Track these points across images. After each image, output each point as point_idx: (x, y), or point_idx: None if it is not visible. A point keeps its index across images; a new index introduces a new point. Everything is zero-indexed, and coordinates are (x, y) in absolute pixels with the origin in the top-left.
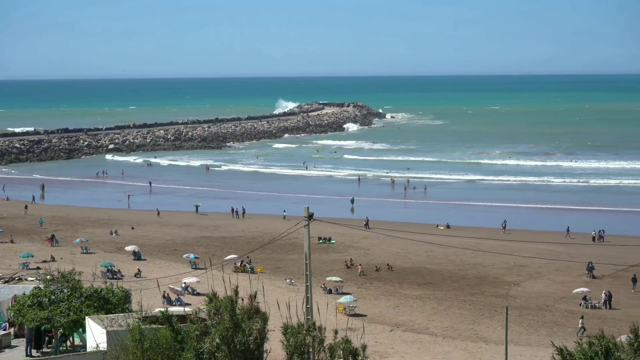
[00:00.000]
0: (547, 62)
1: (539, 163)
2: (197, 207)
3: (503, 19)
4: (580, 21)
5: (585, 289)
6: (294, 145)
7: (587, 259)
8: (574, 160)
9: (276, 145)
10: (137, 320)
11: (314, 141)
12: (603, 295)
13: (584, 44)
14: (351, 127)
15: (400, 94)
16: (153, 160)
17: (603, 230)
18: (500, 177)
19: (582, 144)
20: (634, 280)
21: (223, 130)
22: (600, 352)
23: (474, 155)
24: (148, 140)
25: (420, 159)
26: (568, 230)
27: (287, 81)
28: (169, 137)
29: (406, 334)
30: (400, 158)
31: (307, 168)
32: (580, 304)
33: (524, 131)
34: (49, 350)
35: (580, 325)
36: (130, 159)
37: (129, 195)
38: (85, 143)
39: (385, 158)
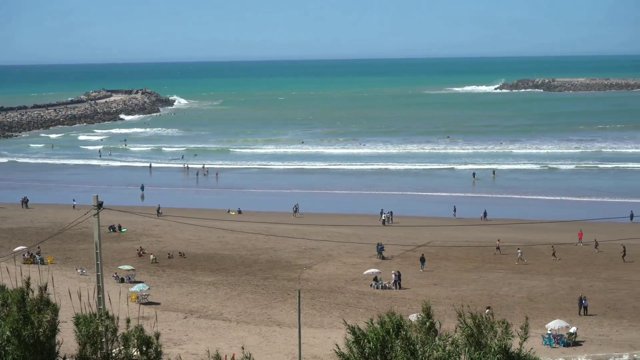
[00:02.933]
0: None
1: (327, 150)
2: None
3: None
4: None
5: (375, 270)
6: (83, 135)
7: (377, 240)
8: (362, 145)
9: (65, 134)
10: None
11: (101, 130)
12: (393, 275)
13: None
14: (136, 115)
15: (219, 79)
16: None
17: (391, 212)
18: (290, 163)
19: (375, 129)
20: (422, 260)
21: (9, 119)
22: (391, 330)
23: (264, 142)
24: None
25: (211, 146)
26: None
27: (107, 68)
28: None
29: (200, 320)
30: (191, 145)
31: (100, 156)
32: (371, 285)
33: (322, 116)
34: None
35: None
36: None
37: None
38: None
39: (175, 145)
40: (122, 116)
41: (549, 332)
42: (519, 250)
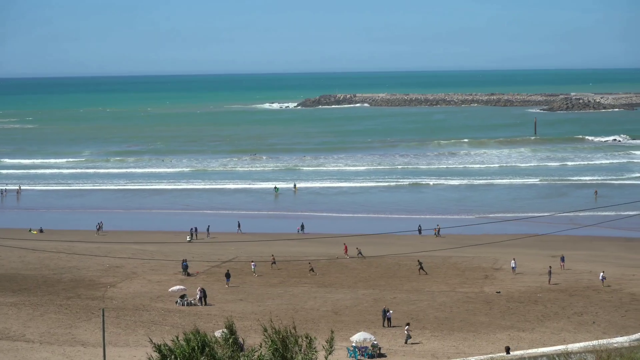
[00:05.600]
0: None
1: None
2: None
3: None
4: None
5: (180, 287)
6: None
7: (182, 257)
8: (166, 163)
9: None
10: None
11: None
12: (198, 292)
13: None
14: None
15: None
16: None
17: (195, 228)
18: (93, 181)
19: (182, 146)
20: (227, 275)
21: None
22: (197, 347)
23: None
24: None
25: (14, 161)
26: (195, 230)
27: None
28: None
29: (1, 342)
30: None
31: None
32: (177, 302)
33: (135, 132)
34: None
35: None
36: None
37: None
38: None
39: None
40: None
41: (353, 344)
42: (310, 264)
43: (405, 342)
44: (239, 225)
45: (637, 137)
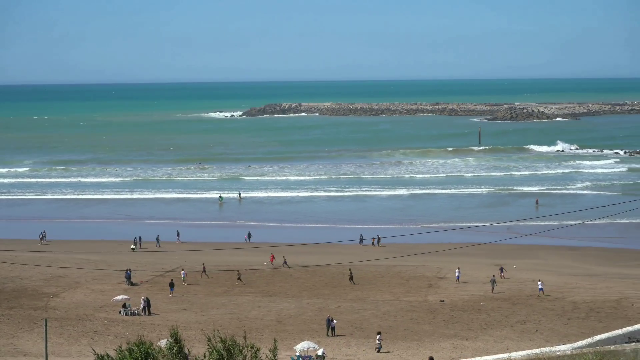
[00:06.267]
0: None
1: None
2: None
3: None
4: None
5: (124, 297)
6: None
7: (125, 266)
8: (107, 169)
9: None
10: None
11: None
12: (142, 301)
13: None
14: None
15: None
16: None
17: (140, 237)
18: (37, 190)
19: (127, 156)
20: (171, 285)
21: None
22: (140, 357)
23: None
24: None
25: None
26: (139, 239)
27: None
28: None
29: None
30: None
31: None
32: (120, 312)
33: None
34: None
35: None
36: None
37: None
38: None
39: None
40: None
41: (297, 353)
42: (203, 268)
43: (378, 351)
44: (178, 234)
45: (582, 147)
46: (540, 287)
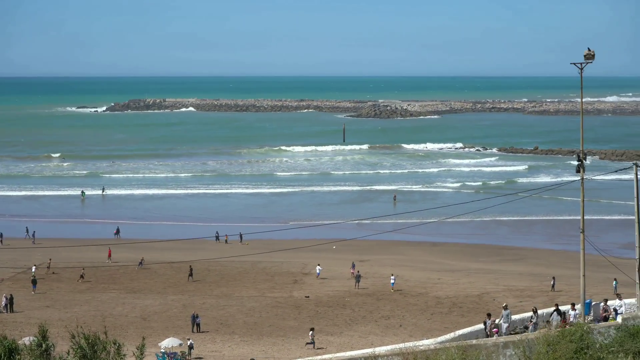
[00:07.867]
0: None
1: None
2: None
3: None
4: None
5: None
6: None
7: None
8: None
9: None
10: None
11: None
12: (4, 298)
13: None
14: None
15: None
16: None
17: (1, 234)
18: None
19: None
20: (34, 282)
21: None
22: (3, 354)
23: None
24: None
25: None
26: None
27: None
28: None
29: None
30: None
31: None
32: None
33: None
34: None
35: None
36: None
37: None
38: None
39: None
40: None
41: (162, 350)
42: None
43: (313, 347)
44: (27, 231)
45: (445, 143)
46: (392, 281)
